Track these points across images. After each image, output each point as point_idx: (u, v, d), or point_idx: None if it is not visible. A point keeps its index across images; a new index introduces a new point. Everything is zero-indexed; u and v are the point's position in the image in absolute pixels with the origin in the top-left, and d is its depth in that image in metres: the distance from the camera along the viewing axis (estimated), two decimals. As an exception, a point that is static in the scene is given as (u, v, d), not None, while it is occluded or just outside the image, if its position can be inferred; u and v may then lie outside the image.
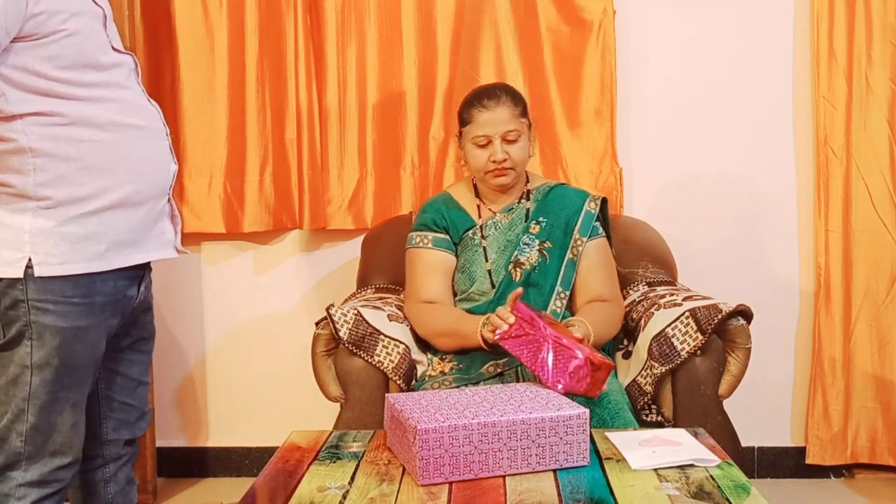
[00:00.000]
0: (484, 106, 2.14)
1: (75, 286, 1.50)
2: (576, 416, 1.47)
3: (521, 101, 2.20)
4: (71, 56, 1.47)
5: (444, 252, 2.19)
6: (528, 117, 2.21)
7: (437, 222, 2.21)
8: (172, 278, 2.87)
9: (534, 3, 2.69)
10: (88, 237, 1.51)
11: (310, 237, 2.86)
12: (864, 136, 2.66)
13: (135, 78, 1.63)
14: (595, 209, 2.21)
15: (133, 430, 1.76)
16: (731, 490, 1.38)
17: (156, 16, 2.71)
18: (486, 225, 2.20)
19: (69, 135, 1.48)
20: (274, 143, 2.76)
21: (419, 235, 2.21)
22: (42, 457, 1.53)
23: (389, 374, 1.99)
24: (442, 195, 2.30)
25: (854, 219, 2.68)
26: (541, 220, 2.19)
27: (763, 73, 2.74)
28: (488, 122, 2.13)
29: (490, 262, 2.16)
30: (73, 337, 1.51)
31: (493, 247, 2.18)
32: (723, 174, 2.78)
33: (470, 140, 2.16)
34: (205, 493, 2.81)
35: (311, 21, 2.71)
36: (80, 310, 1.51)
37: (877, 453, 2.74)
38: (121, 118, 1.54)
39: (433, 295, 2.15)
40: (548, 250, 2.16)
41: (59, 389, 1.52)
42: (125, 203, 1.55)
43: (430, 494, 1.38)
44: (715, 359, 2.02)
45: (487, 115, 2.13)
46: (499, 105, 2.14)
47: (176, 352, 2.90)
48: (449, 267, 2.19)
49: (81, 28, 1.48)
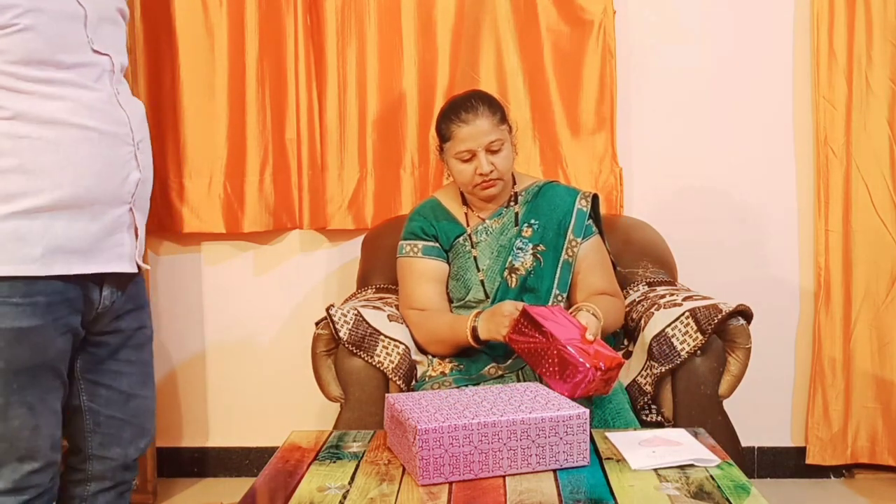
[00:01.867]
0: (462, 120, 2.09)
1: (12, 287, 1.43)
2: (576, 416, 1.47)
3: (498, 107, 2.15)
4: (21, 52, 1.41)
5: (435, 260, 2.18)
6: (508, 121, 2.17)
7: (425, 230, 2.20)
8: (172, 278, 2.88)
9: (534, 3, 2.69)
10: (20, 238, 1.42)
11: (310, 237, 2.86)
12: (864, 136, 2.66)
13: (108, 80, 1.54)
14: (586, 207, 2.19)
15: (126, 449, 1.67)
16: (731, 490, 1.38)
17: (156, 16, 2.72)
18: (475, 232, 2.18)
19: (6, 129, 1.42)
20: (274, 143, 2.76)
21: (409, 244, 2.20)
22: (9, 462, 1.48)
23: (389, 374, 1.99)
24: (430, 201, 2.27)
25: (854, 219, 2.68)
26: (532, 223, 2.17)
27: (763, 73, 2.74)
28: (469, 137, 2.08)
29: (482, 272, 2.14)
30: (14, 338, 1.43)
31: (485, 253, 2.16)
32: (723, 174, 2.78)
33: (453, 156, 2.11)
34: (205, 493, 2.81)
35: (311, 21, 2.71)
36: (20, 310, 1.43)
37: (877, 453, 2.74)
38: (68, 118, 1.46)
39: (426, 302, 2.14)
40: (541, 253, 2.14)
41: (11, 393, 1.45)
42: (63, 206, 1.45)
43: (430, 494, 1.38)
44: (715, 359, 2.02)
45: (467, 129, 2.08)
46: (477, 117, 2.08)
47: (176, 352, 2.90)
48: (441, 274, 2.18)
49: (38, 24, 1.42)
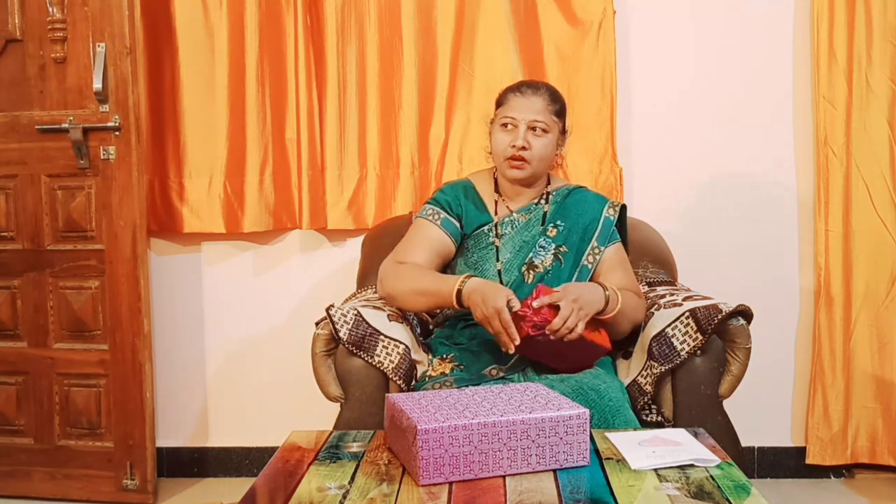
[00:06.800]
0: (521, 92, 2.15)
1: None
2: (576, 416, 1.47)
3: (560, 101, 2.18)
4: None
5: (448, 236, 2.17)
6: (564, 122, 2.19)
7: (452, 206, 2.20)
8: (172, 278, 2.88)
9: (534, 3, 2.70)
10: None
11: (310, 237, 2.86)
12: (864, 136, 2.66)
13: None
14: (614, 216, 2.21)
15: None
16: (731, 490, 1.38)
17: (156, 16, 2.72)
18: (501, 223, 2.19)
19: None
20: (274, 143, 2.76)
21: (433, 209, 2.20)
22: None
23: (389, 374, 1.99)
24: (464, 182, 2.28)
25: (854, 219, 2.68)
26: (558, 224, 2.18)
27: (763, 73, 2.75)
28: (519, 107, 2.12)
29: (501, 263, 2.15)
30: None
31: (507, 246, 2.17)
32: (723, 174, 2.78)
33: (498, 121, 2.16)
34: (205, 493, 2.81)
35: (311, 21, 2.71)
36: None
37: (877, 453, 2.74)
38: None
39: (417, 263, 2.14)
40: (563, 255, 2.15)
41: None
42: None
43: (430, 494, 1.38)
44: (715, 359, 2.02)
45: (521, 100, 2.13)
46: (536, 95, 2.13)
47: (176, 352, 2.90)
48: (445, 251, 2.18)
49: None
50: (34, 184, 2.65)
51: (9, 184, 2.67)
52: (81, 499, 2.71)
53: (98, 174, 2.60)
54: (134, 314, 2.61)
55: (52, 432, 2.71)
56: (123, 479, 2.67)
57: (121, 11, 2.50)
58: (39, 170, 2.64)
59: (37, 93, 2.63)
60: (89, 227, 2.64)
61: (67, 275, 2.67)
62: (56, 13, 2.58)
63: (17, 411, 2.73)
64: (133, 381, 2.63)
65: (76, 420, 2.70)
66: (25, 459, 2.73)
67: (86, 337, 2.67)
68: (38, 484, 2.72)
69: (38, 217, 2.66)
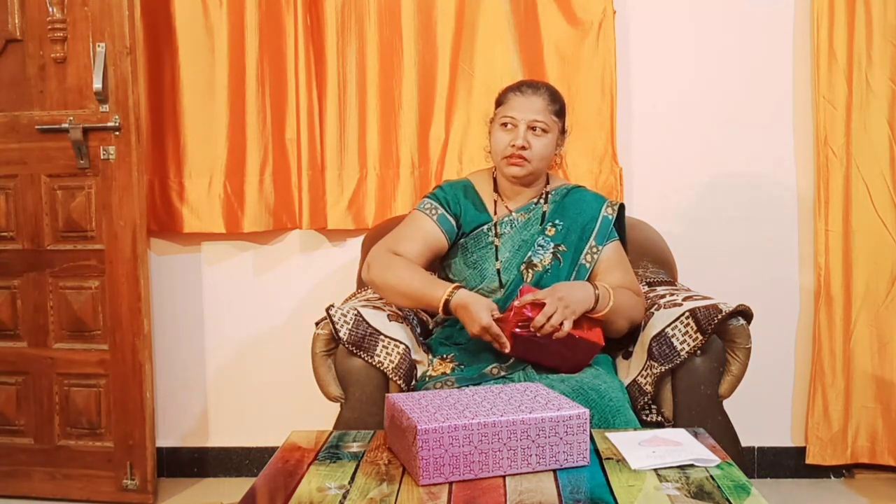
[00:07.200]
0: (521, 92, 2.15)
1: None
2: (576, 416, 1.47)
3: (560, 101, 2.19)
4: None
5: (442, 232, 2.17)
6: (564, 122, 2.20)
7: (450, 204, 2.20)
8: (172, 278, 2.88)
9: (534, 3, 2.70)
10: None
11: (310, 237, 2.86)
12: (864, 136, 2.66)
13: None
14: (612, 215, 2.21)
15: None
16: (731, 490, 1.38)
17: (156, 16, 2.72)
18: (501, 222, 2.19)
19: None
20: (274, 143, 2.76)
21: (431, 204, 2.20)
22: None
23: (389, 374, 1.99)
24: (463, 181, 2.28)
25: (854, 219, 2.68)
26: (557, 223, 2.18)
27: (763, 73, 2.74)
28: (519, 106, 2.13)
29: (500, 262, 2.15)
30: None
31: (506, 245, 2.17)
32: (723, 174, 2.78)
33: (497, 121, 2.16)
34: (205, 493, 2.81)
35: (311, 21, 2.71)
36: None
37: (877, 453, 2.74)
38: None
39: (408, 256, 2.13)
40: (562, 254, 2.15)
41: None
42: None
43: (430, 494, 1.38)
44: (715, 359, 2.02)
45: (521, 100, 2.14)
46: (536, 94, 2.14)
47: (176, 352, 2.90)
48: (437, 245, 2.18)
49: None
50: (34, 184, 2.66)
51: (9, 184, 2.67)
52: (81, 499, 2.71)
53: (98, 174, 2.60)
54: (134, 314, 2.61)
55: (52, 432, 2.72)
56: (123, 479, 2.67)
57: (121, 11, 2.50)
58: (39, 170, 2.65)
59: (37, 93, 2.63)
60: (89, 227, 2.64)
61: (67, 275, 2.67)
62: (56, 13, 2.58)
63: (17, 411, 2.73)
64: (133, 381, 2.63)
65: (76, 420, 2.70)
66: (25, 459, 2.73)
67: (86, 337, 2.67)
68: (38, 484, 2.73)
69: (38, 217, 2.67)
